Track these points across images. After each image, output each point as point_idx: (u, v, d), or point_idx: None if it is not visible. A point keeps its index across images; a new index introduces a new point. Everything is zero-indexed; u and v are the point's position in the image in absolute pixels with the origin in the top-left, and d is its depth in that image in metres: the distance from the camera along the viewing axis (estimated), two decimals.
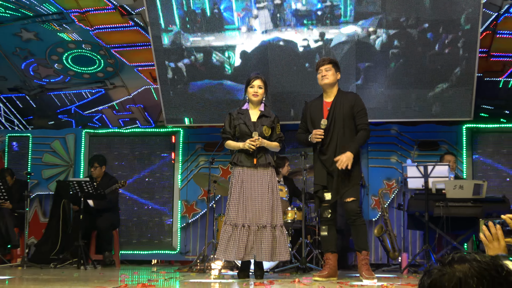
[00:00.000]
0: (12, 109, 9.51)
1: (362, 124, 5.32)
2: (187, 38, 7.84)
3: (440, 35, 7.36)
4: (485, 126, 8.36)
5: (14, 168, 8.68)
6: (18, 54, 8.71)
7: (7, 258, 7.60)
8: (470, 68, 7.39)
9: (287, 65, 7.78)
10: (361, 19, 7.44)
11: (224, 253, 5.26)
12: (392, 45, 7.52)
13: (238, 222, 5.27)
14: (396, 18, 7.37)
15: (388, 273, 6.62)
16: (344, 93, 5.53)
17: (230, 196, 5.40)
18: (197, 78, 8.10)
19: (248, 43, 7.78)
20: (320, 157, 5.37)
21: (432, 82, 7.59)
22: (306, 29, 7.61)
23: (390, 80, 7.67)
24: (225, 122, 5.56)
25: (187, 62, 7.98)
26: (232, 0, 7.53)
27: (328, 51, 7.60)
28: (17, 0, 7.94)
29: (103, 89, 9.12)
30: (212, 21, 7.69)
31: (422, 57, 7.49)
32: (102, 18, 8.16)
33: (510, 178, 8.23)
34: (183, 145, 8.91)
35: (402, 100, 7.76)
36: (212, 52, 7.89)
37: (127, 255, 8.62)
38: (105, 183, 7.70)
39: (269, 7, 7.53)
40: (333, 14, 7.47)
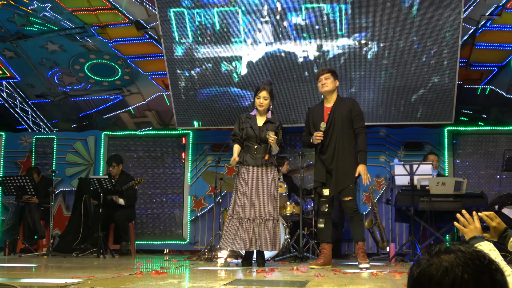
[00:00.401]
0: (39, 113, 9.50)
1: (359, 127, 5.32)
2: (198, 49, 7.83)
3: (427, 47, 7.33)
4: (465, 129, 8.33)
5: (41, 166, 8.67)
6: (44, 64, 8.71)
7: (34, 248, 7.59)
8: (451, 76, 7.37)
9: (288, 74, 7.77)
10: (355, 33, 7.42)
11: (232, 244, 5.26)
12: (382, 56, 7.49)
13: (244, 216, 5.26)
14: (386, 31, 7.35)
15: (378, 262, 6.59)
16: (343, 99, 5.52)
17: (236, 192, 5.39)
18: (205, 85, 8.07)
19: (253, 54, 7.77)
20: (320, 156, 5.39)
21: (417, 89, 7.57)
22: (305, 42, 7.59)
23: (381, 88, 7.65)
24: (235, 125, 5.58)
25: (198, 71, 7.96)
26: (239, 15, 7.51)
27: (325, 62, 7.58)
28: (44, 16, 7.93)
29: (121, 95, 9.11)
30: (221, 35, 7.68)
31: (410, 67, 7.47)
32: (119, 31, 8.15)
33: (487, 176, 8.19)
34: (192, 146, 8.89)
35: (391, 105, 7.74)
36: (221, 62, 7.88)
37: (142, 245, 8.59)
38: (122, 180, 7.69)
39: (271, 22, 7.52)
40: (330, 28, 7.45)
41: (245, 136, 5.44)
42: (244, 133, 5.44)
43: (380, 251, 7.51)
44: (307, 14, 7.41)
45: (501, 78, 8.04)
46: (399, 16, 7.22)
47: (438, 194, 6.41)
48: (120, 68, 8.69)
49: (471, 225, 2.23)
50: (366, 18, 7.30)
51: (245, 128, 5.44)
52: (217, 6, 7.48)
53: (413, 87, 7.57)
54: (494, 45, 7.69)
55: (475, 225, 2.22)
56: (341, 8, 7.29)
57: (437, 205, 6.44)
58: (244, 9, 7.47)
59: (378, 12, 7.22)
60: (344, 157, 5.29)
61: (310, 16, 7.41)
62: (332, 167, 5.27)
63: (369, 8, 7.21)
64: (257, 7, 7.44)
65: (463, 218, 2.25)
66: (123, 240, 7.56)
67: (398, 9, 7.19)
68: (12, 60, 8.69)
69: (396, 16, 7.23)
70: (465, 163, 8.28)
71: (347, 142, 5.30)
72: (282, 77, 7.78)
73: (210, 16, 7.56)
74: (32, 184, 7.50)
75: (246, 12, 7.49)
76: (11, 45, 8.42)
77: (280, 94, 7.78)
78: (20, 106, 9.41)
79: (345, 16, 7.32)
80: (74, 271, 4.53)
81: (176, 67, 7.94)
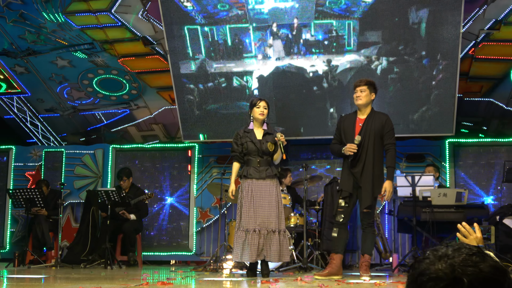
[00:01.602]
0: (48, 127, 9.54)
1: (390, 144, 5.17)
2: (211, 64, 7.86)
3: (430, 61, 7.34)
4: (466, 141, 8.31)
5: (50, 179, 8.69)
6: (54, 79, 8.76)
7: (43, 259, 7.58)
8: (452, 89, 7.37)
9: (298, 88, 7.78)
10: (363, 48, 7.41)
11: (241, 256, 5.23)
12: (390, 71, 7.49)
13: (250, 228, 5.22)
14: (394, 47, 7.34)
15: (381, 272, 6.55)
16: (377, 112, 5.35)
17: (241, 205, 5.35)
18: (212, 99, 8.10)
19: (263, 69, 7.80)
20: (350, 168, 5.24)
21: (421, 102, 7.57)
22: (314, 57, 7.60)
23: (387, 102, 7.63)
24: (233, 142, 5.53)
25: (211, 85, 7.99)
26: (250, 31, 7.55)
27: (334, 77, 7.59)
28: (54, 33, 8.00)
29: (128, 109, 9.14)
30: (233, 50, 7.72)
31: (415, 81, 7.47)
32: (127, 47, 8.20)
33: (488, 187, 8.15)
34: (198, 158, 8.89)
35: (398, 118, 7.73)
36: (233, 77, 7.91)
37: (148, 256, 8.57)
38: (132, 193, 7.72)
39: (282, 38, 7.55)
40: (338, 44, 7.46)
41: (246, 151, 5.41)
42: (245, 147, 5.40)
43: (383, 261, 7.47)
44: (317, 30, 7.42)
45: (501, 91, 8.03)
46: (406, 31, 7.22)
47: (439, 205, 6.38)
48: (127, 83, 8.73)
49: (472, 235, 2.22)
50: (374, 33, 7.30)
51: (245, 143, 5.40)
52: (229, 23, 7.52)
53: (417, 101, 7.57)
54: (493, 58, 7.69)
55: (476, 235, 2.21)
56: (349, 24, 7.31)
57: (439, 216, 6.41)
58: (255, 25, 7.50)
59: (386, 27, 7.22)
60: (372, 172, 5.15)
61: (319, 32, 7.43)
62: (361, 180, 5.15)
63: (377, 24, 7.21)
64: (267, 23, 7.47)
65: (463, 229, 2.25)
66: (130, 251, 7.55)
67: (406, 25, 7.18)
68: (22, 75, 8.75)
69: (404, 31, 7.23)
70: (466, 175, 8.25)
71: (377, 157, 5.16)
72: (291, 91, 7.79)
73: (223, 32, 7.60)
74: (41, 196, 7.51)
75: (257, 28, 7.52)
76: (21, 61, 8.48)
77: (289, 107, 7.81)
78: (30, 120, 9.46)
79: (353, 32, 7.33)
80: (82, 282, 4.52)
81: (189, 81, 7.97)
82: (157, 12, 7.56)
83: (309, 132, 8.00)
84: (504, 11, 7.13)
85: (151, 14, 7.74)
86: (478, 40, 7.49)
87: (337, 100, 7.77)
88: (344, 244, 5.29)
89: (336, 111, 7.75)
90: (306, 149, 8.66)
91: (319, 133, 7.94)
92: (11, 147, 9.32)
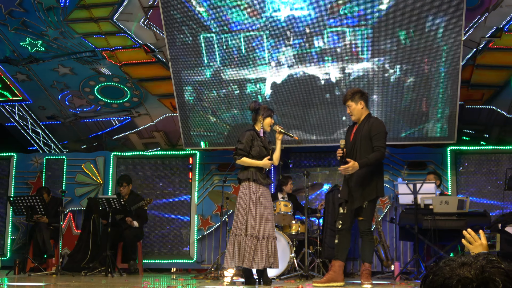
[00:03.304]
0: (49, 134, 9.55)
1: (377, 146, 5.14)
2: (225, 71, 7.88)
3: (434, 68, 7.35)
4: (467, 148, 8.30)
5: (51, 186, 8.69)
6: (55, 86, 8.77)
7: (43, 267, 7.56)
8: (453, 97, 7.36)
9: (310, 95, 7.77)
10: (377, 56, 7.40)
11: (253, 262, 5.11)
12: (405, 80, 7.47)
13: (260, 235, 5.16)
14: (408, 55, 7.32)
15: (382, 280, 6.52)
16: (369, 117, 5.33)
17: (247, 209, 5.22)
18: (213, 107, 8.11)
19: (276, 76, 7.81)
20: (345, 175, 5.28)
21: (422, 110, 7.58)
22: (327, 64, 7.60)
23: (396, 110, 7.63)
24: (245, 141, 5.34)
25: (224, 91, 8.01)
26: (264, 39, 7.57)
27: (347, 84, 7.57)
28: (55, 40, 8.02)
29: (130, 117, 9.14)
30: (246, 57, 7.73)
31: (423, 90, 7.47)
32: (128, 55, 8.21)
33: (490, 194, 8.13)
34: (199, 166, 8.89)
35: (403, 126, 7.73)
36: (246, 84, 7.92)
37: (149, 264, 8.55)
38: (131, 200, 7.71)
39: (294, 45, 7.55)
40: (351, 52, 7.45)
41: (255, 154, 5.33)
42: (255, 151, 5.32)
43: (385, 269, 7.44)
44: (330, 38, 7.42)
45: (502, 98, 8.02)
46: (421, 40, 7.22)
47: (441, 212, 6.37)
48: (129, 90, 8.74)
49: (477, 242, 2.22)
50: (388, 41, 7.29)
51: (257, 146, 5.33)
52: (244, 32, 7.53)
53: (418, 109, 7.57)
54: (494, 66, 7.69)
55: (481, 242, 2.21)
56: (363, 32, 7.30)
57: (440, 224, 6.39)
58: (268, 33, 7.51)
59: (400, 36, 7.21)
60: (361, 176, 5.15)
61: (333, 40, 7.42)
62: (351, 185, 5.18)
63: (392, 31, 7.20)
64: (281, 31, 7.48)
65: (469, 235, 2.24)
66: (131, 259, 7.53)
67: (423, 33, 7.18)
68: (24, 83, 8.77)
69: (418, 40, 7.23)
70: (468, 182, 8.23)
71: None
72: (303, 99, 7.79)
73: (236, 40, 7.61)
74: (42, 204, 7.50)
75: (270, 36, 7.53)
76: (23, 68, 8.50)
77: (301, 115, 7.81)
78: (32, 128, 9.47)
79: (367, 39, 7.32)
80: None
81: (183, 87, 7.98)
82: (158, 20, 7.58)
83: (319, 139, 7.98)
84: (505, 18, 7.14)
85: (152, 22, 7.77)
86: (479, 48, 7.49)
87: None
88: (345, 251, 5.25)
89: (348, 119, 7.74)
90: (309, 156, 8.65)
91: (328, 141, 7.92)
92: (13, 154, 9.33)
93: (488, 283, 1.18)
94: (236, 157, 5.35)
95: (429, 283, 1.24)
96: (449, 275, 1.22)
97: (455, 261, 1.25)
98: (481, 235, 2.22)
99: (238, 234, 5.20)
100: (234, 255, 5.14)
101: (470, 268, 1.21)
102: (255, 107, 5.45)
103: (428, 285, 1.24)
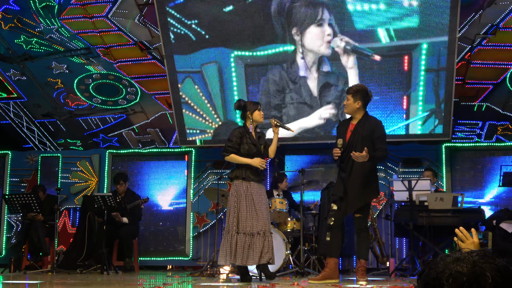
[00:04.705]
0: (44, 132, 9.52)
1: (380, 148, 5.12)
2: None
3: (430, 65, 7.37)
4: (462, 145, 8.31)
5: (46, 184, 8.66)
6: (50, 84, 8.74)
7: (39, 265, 7.54)
8: (448, 94, 7.37)
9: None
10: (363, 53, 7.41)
11: (246, 260, 5.10)
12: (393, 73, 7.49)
13: (254, 231, 5.15)
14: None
15: (378, 276, 6.54)
16: (369, 118, 5.32)
17: (238, 208, 5.22)
18: (208, 104, 8.09)
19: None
20: (340, 173, 5.27)
21: (417, 106, 7.58)
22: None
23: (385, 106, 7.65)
24: (234, 135, 5.35)
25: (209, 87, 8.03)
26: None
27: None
28: (50, 38, 7.99)
29: (125, 114, 9.12)
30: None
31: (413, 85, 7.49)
32: (123, 52, 8.19)
33: (485, 191, 8.15)
34: (195, 163, 8.88)
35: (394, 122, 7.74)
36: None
37: (145, 261, 8.54)
38: (128, 198, 7.70)
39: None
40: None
41: (245, 152, 5.31)
42: (243, 148, 5.30)
43: (380, 266, 7.45)
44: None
45: (497, 95, 8.04)
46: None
47: (436, 209, 6.38)
48: (124, 88, 8.71)
49: (469, 240, 2.24)
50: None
51: (245, 144, 5.32)
52: None
53: (415, 105, 7.59)
54: (489, 63, 7.71)
55: (473, 240, 2.23)
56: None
57: (435, 220, 6.41)
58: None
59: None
60: (361, 177, 5.13)
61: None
62: (348, 185, 5.15)
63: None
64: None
65: (461, 234, 2.26)
66: (127, 256, 7.51)
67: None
68: (19, 80, 8.74)
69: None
70: (463, 179, 8.25)
71: (366, 162, 5.04)
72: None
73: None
74: (38, 201, 7.48)
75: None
76: (18, 66, 8.47)
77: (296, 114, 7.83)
78: (27, 126, 9.43)
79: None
80: (78, 287, 4.50)
81: (179, 86, 7.97)
82: (153, 17, 7.56)
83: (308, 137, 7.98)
84: (500, 15, 7.15)
85: (147, 19, 7.74)
86: (474, 45, 7.50)
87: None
88: (338, 248, 5.25)
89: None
90: (304, 153, 8.65)
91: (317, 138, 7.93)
92: (7, 152, 9.29)
93: (479, 278, 1.23)
94: (225, 153, 5.35)
95: (424, 276, 1.32)
96: (442, 269, 1.28)
97: (450, 256, 1.31)
98: (473, 234, 2.24)
99: (230, 232, 5.19)
100: (227, 252, 5.13)
101: (463, 263, 1.26)
102: (240, 105, 5.45)
103: (423, 278, 1.32)
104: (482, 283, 1.23)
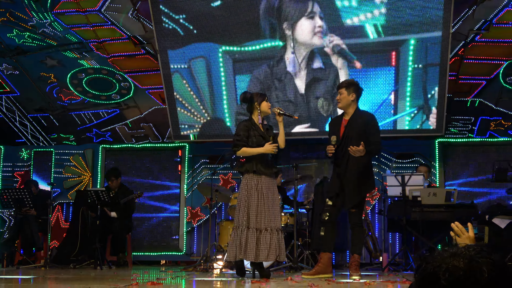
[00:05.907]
0: (37, 127, 9.47)
1: (375, 141, 5.14)
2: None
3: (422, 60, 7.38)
4: (455, 140, 8.35)
5: (39, 179, 8.63)
6: (43, 79, 8.69)
7: (32, 260, 7.52)
8: (441, 89, 7.39)
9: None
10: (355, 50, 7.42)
11: (257, 255, 5.00)
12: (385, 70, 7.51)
13: (262, 227, 5.05)
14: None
15: (371, 271, 6.56)
16: (361, 112, 5.33)
17: (249, 202, 5.07)
18: (202, 99, 8.08)
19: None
20: (335, 169, 5.27)
21: (410, 102, 7.60)
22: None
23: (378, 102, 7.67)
24: (241, 129, 5.20)
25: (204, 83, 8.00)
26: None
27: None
28: (43, 32, 7.94)
29: (118, 109, 9.09)
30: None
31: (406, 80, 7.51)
32: (117, 47, 8.15)
33: (478, 186, 8.19)
34: (188, 158, 8.87)
35: (386, 117, 7.76)
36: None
37: (138, 257, 8.54)
38: (121, 193, 7.68)
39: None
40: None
41: (254, 145, 5.16)
42: (251, 141, 5.16)
43: (373, 260, 7.48)
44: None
45: (490, 91, 8.07)
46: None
47: (429, 204, 6.40)
48: (117, 82, 8.68)
49: (464, 235, 2.25)
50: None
51: (253, 136, 5.17)
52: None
53: (407, 100, 7.60)
54: (482, 59, 7.73)
55: (468, 234, 2.24)
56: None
57: (428, 215, 6.43)
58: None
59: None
60: (357, 172, 5.13)
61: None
62: (344, 180, 5.15)
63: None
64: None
65: (457, 228, 2.27)
66: (120, 251, 7.51)
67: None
68: (11, 75, 8.68)
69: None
70: (456, 174, 8.29)
71: (361, 156, 5.03)
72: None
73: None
74: (30, 196, 7.45)
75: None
76: (10, 60, 8.41)
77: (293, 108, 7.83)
78: (19, 120, 9.38)
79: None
80: (71, 282, 4.49)
81: (172, 81, 7.94)
82: (147, 11, 7.53)
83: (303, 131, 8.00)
84: (494, 11, 7.16)
85: (141, 14, 7.71)
86: (467, 41, 7.52)
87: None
88: (331, 243, 5.26)
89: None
90: (297, 149, 8.66)
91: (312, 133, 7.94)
92: (0, 147, 9.24)
93: (475, 272, 1.25)
94: (235, 148, 5.19)
95: (422, 270, 1.34)
96: (439, 264, 1.30)
97: (447, 251, 1.33)
98: (469, 228, 2.25)
99: (240, 227, 5.06)
100: (236, 248, 5.02)
101: (460, 258, 1.28)
102: (246, 97, 5.30)
103: (420, 273, 1.34)
104: (478, 277, 1.24)
